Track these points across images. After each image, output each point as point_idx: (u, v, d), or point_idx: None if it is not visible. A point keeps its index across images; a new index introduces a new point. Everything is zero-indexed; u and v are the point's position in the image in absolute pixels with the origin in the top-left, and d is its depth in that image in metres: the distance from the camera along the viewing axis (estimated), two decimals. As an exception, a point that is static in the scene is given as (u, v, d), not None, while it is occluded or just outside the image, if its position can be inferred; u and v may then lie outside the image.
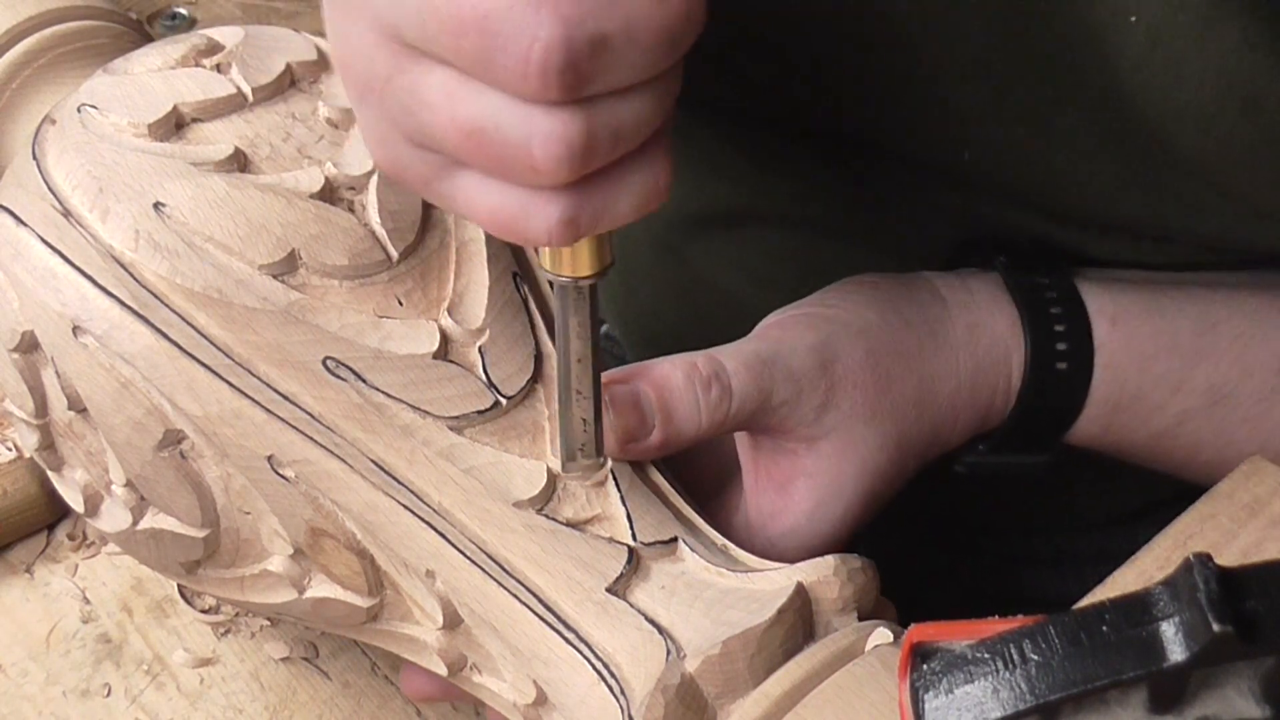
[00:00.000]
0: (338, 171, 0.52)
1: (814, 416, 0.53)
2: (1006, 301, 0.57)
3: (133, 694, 0.61)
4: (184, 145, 0.52)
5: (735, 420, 0.52)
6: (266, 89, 0.53)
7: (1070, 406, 0.57)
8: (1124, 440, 0.59)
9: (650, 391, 0.51)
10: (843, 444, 0.54)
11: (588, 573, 0.48)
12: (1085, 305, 0.57)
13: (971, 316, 0.57)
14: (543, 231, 0.40)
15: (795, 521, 0.54)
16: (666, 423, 0.51)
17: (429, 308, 0.51)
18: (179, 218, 0.50)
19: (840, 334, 0.54)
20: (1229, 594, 0.30)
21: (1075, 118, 0.54)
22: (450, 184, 0.41)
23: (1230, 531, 0.48)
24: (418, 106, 0.39)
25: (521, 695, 0.49)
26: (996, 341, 0.56)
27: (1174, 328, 0.57)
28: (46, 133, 0.53)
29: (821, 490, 0.54)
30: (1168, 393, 0.57)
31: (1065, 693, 0.31)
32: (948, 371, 0.56)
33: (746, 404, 0.52)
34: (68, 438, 0.53)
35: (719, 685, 0.44)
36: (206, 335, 0.49)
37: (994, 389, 0.57)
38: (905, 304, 0.56)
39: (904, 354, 0.55)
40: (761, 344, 0.54)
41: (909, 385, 0.55)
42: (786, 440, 0.54)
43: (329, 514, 0.50)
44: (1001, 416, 0.57)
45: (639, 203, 0.40)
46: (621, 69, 0.37)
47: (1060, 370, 0.56)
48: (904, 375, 0.55)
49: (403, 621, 0.52)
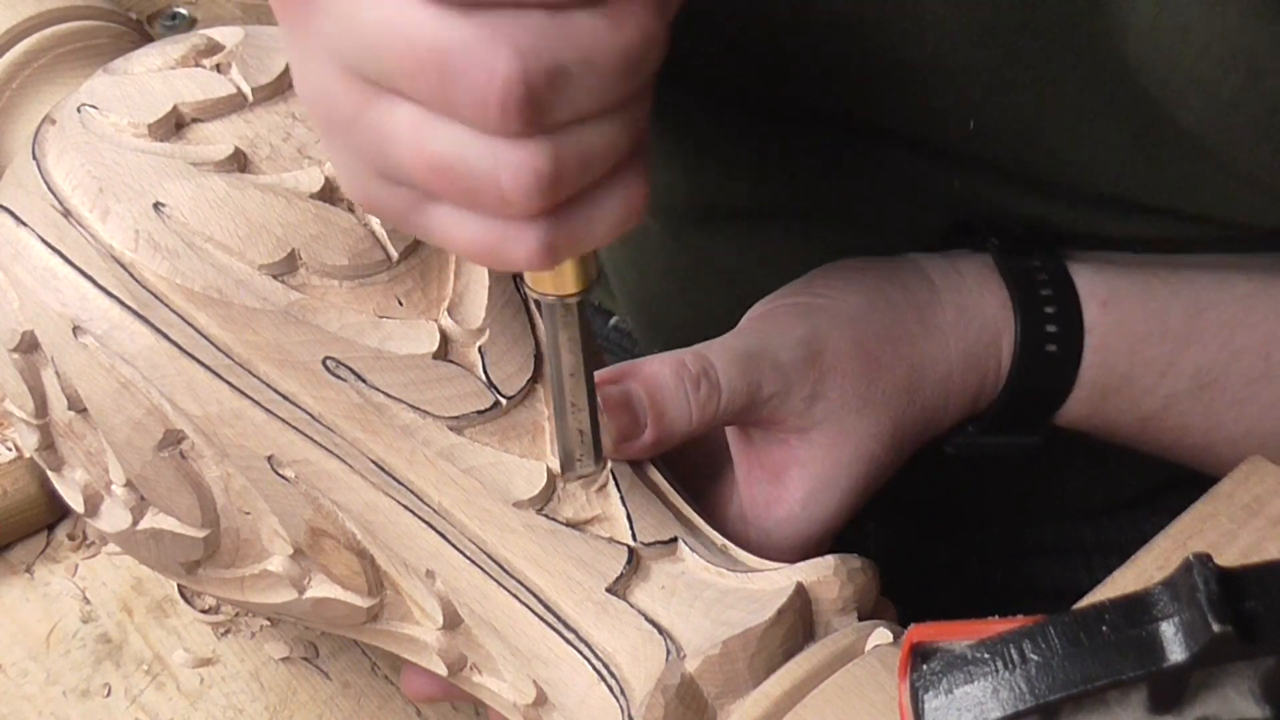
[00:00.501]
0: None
1: (804, 407, 0.53)
2: (997, 284, 0.57)
3: (133, 694, 0.61)
4: (184, 145, 0.52)
5: (725, 415, 0.52)
6: (266, 89, 0.53)
7: (1059, 388, 0.57)
8: (1112, 422, 0.59)
9: (641, 391, 0.51)
10: (835, 432, 0.54)
11: (588, 573, 0.48)
12: (1076, 288, 0.57)
13: (961, 299, 0.57)
14: (522, 259, 0.40)
15: (790, 511, 0.54)
16: (658, 421, 0.51)
17: (429, 308, 0.51)
18: (179, 218, 0.50)
19: (827, 323, 0.54)
20: (1229, 594, 0.30)
21: (1080, 86, 0.54)
22: (425, 216, 0.41)
23: (1230, 531, 0.48)
24: (385, 143, 0.39)
25: (521, 695, 0.49)
26: (986, 324, 0.56)
27: (1164, 311, 0.58)
28: (46, 133, 0.53)
29: (815, 479, 0.54)
30: (1156, 376, 0.58)
31: (1065, 693, 0.31)
32: (938, 355, 0.56)
33: (736, 399, 0.52)
34: (68, 438, 0.53)
35: (719, 685, 0.44)
36: (206, 335, 0.49)
37: (984, 371, 0.57)
38: (893, 288, 0.56)
39: (893, 340, 0.55)
40: (748, 338, 0.54)
41: (899, 371, 0.55)
42: (778, 431, 0.54)
43: (329, 514, 0.50)
44: (992, 398, 0.57)
45: (616, 223, 0.40)
46: (583, 97, 0.37)
47: (1050, 352, 0.57)
48: (894, 361, 0.55)
49: (403, 621, 0.52)
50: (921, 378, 0.56)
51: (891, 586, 0.50)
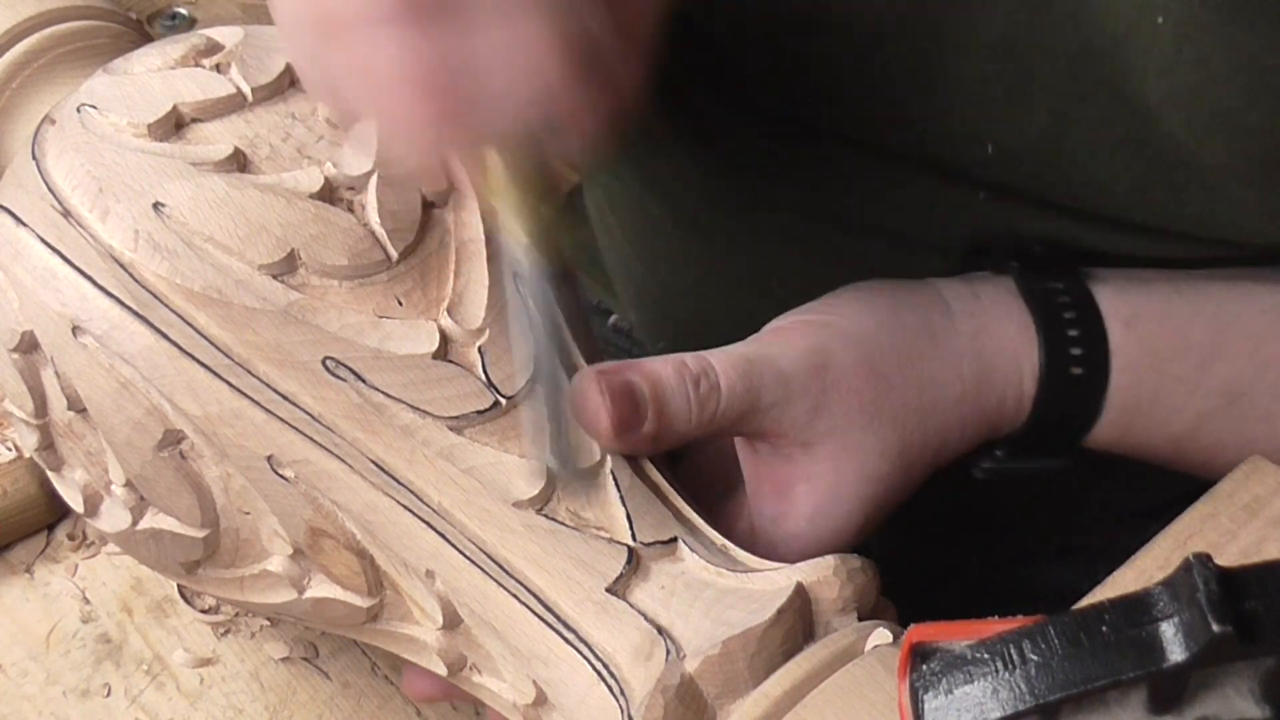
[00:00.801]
0: (337, 171, 0.52)
1: (806, 419, 0.53)
2: (1018, 307, 0.57)
3: (133, 694, 0.61)
4: (184, 145, 0.52)
5: (725, 419, 0.52)
6: (266, 89, 0.53)
7: (1087, 412, 0.57)
8: (1144, 443, 0.58)
9: (643, 382, 0.51)
10: (840, 448, 0.54)
11: (587, 573, 0.48)
12: (1099, 309, 0.57)
13: (977, 322, 0.56)
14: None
15: (797, 526, 0.54)
16: (659, 414, 0.51)
17: (429, 308, 0.51)
18: (179, 218, 0.50)
19: (835, 340, 0.54)
20: (1229, 594, 0.30)
21: (1096, 117, 0.54)
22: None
23: (1230, 531, 0.48)
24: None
25: (521, 695, 0.49)
26: (1003, 347, 0.56)
27: (1188, 327, 0.57)
28: (46, 133, 0.53)
29: (820, 495, 0.54)
30: (1185, 394, 0.57)
31: (1065, 693, 0.31)
32: (950, 377, 0.56)
33: (735, 403, 0.52)
34: (67, 438, 0.53)
35: (719, 685, 0.44)
36: (206, 335, 0.49)
37: (1002, 395, 0.56)
38: (906, 310, 0.56)
39: (903, 360, 0.55)
40: (752, 346, 0.54)
41: (909, 391, 0.55)
42: (783, 445, 0.54)
43: (329, 514, 0.50)
44: (1013, 423, 0.57)
45: None
46: None
47: (1076, 375, 0.56)
48: (903, 381, 0.55)
49: (403, 621, 0.52)
50: (932, 399, 0.55)
51: (891, 587, 0.50)
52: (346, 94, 0.47)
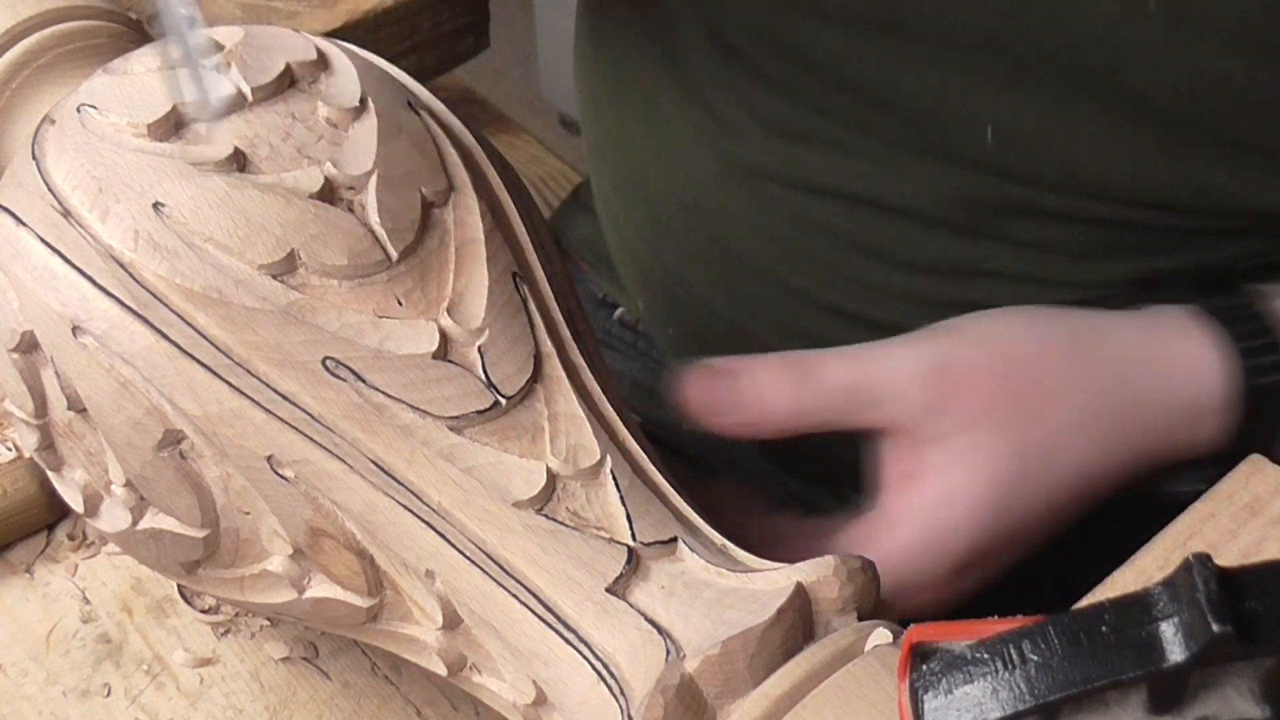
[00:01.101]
0: (337, 171, 0.52)
1: (925, 414, 0.53)
2: (1197, 327, 0.56)
3: (133, 694, 0.61)
4: (183, 145, 0.52)
5: (828, 410, 0.53)
6: (266, 89, 0.53)
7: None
8: None
9: (740, 366, 0.52)
10: (967, 444, 0.54)
11: (587, 573, 0.48)
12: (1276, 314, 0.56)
13: (1144, 339, 0.56)
14: None
15: (922, 511, 0.55)
16: (757, 400, 0.52)
17: (428, 308, 0.51)
18: (178, 218, 0.50)
19: (960, 342, 0.55)
20: (1229, 594, 0.30)
21: (1092, 104, 0.54)
22: None
23: (1230, 531, 0.48)
24: None
25: (521, 695, 0.49)
26: (1181, 363, 0.56)
27: None
28: (46, 133, 0.53)
29: (941, 489, 0.54)
30: None
31: (1065, 693, 0.31)
32: (1097, 389, 0.55)
33: (837, 396, 0.52)
34: (67, 438, 0.53)
35: (719, 685, 0.44)
36: (206, 335, 0.49)
37: (1178, 410, 0.56)
38: (1048, 324, 0.56)
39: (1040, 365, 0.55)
40: (870, 346, 0.55)
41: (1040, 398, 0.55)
42: (910, 439, 0.55)
43: (328, 514, 0.50)
44: (1214, 437, 0.56)
45: None
46: None
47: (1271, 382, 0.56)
48: (1039, 388, 0.55)
49: (403, 621, 0.52)
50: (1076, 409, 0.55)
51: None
52: None
